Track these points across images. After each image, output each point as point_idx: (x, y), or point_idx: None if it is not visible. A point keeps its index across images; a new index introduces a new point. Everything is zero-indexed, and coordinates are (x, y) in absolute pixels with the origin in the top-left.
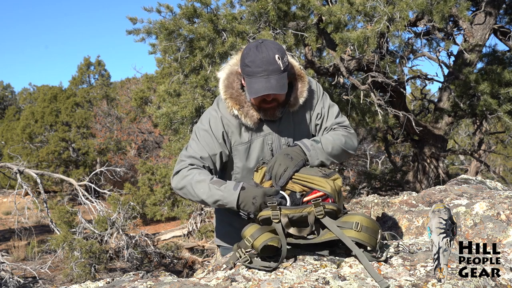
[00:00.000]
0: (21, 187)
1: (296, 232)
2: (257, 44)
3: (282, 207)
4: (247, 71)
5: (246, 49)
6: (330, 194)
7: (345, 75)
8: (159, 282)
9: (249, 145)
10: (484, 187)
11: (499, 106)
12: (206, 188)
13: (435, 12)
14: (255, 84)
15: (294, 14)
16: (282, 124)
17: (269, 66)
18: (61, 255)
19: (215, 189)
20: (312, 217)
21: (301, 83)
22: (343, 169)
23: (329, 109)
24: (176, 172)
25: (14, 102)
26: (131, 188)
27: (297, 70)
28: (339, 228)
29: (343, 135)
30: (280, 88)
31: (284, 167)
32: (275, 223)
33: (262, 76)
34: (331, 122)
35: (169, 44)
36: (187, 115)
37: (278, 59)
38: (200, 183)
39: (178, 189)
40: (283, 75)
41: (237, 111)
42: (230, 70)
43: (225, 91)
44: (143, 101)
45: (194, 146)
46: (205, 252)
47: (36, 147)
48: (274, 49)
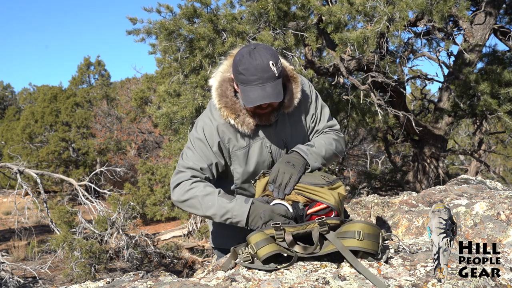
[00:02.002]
0: (21, 187)
1: (301, 250)
2: (250, 51)
3: (286, 226)
4: (241, 79)
5: (239, 55)
6: (334, 207)
7: (345, 75)
8: (159, 282)
9: (247, 149)
10: (484, 187)
11: (499, 106)
12: (215, 201)
13: (435, 12)
14: (250, 93)
15: (294, 14)
16: (278, 127)
17: (263, 74)
18: (61, 255)
19: (226, 202)
20: (316, 233)
21: (295, 84)
22: (343, 169)
23: (322, 111)
24: (177, 184)
25: (14, 102)
26: (131, 188)
27: (289, 71)
28: (341, 242)
29: (333, 139)
30: (276, 96)
31: (288, 175)
32: (279, 242)
33: (257, 84)
34: (323, 125)
35: (169, 44)
36: (187, 115)
37: (272, 65)
38: (208, 196)
39: (180, 202)
40: (277, 81)
41: (234, 121)
42: (222, 77)
43: (219, 100)
44: (143, 101)
45: (192, 156)
46: (205, 252)
47: (36, 147)
48: (268, 55)
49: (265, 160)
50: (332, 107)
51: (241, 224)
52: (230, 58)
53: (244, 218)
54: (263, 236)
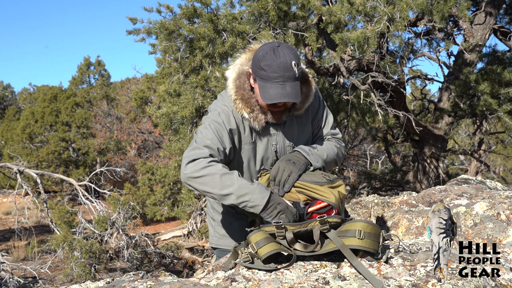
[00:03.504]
0: (21, 187)
1: (302, 248)
2: (274, 48)
3: (287, 224)
4: (261, 74)
5: (262, 51)
6: (334, 205)
7: (345, 75)
8: (159, 282)
9: (254, 145)
10: (484, 187)
11: (499, 106)
12: (234, 181)
13: (435, 12)
14: (270, 90)
15: (294, 14)
16: (286, 127)
17: (285, 73)
18: (61, 255)
19: (247, 183)
20: (317, 232)
21: (308, 87)
22: (343, 169)
23: (327, 118)
24: (192, 160)
25: (14, 102)
26: (131, 188)
27: (305, 74)
28: (341, 240)
29: (335, 146)
30: (295, 96)
31: (288, 172)
32: (280, 240)
33: (278, 82)
34: (327, 132)
35: (169, 44)
36: (187, 115)
37: (294, 65)
38: (227, 175)
39: (192, 178)
40: (297, 82)
41: (248, 115)
42: (240, 70)
43: (236, 92)
44: (143, 101)
45: (209, 135)
46: (205, 252)
47: (36, 147)
48: (291, 55)
49: (269, 157)
50: (332, 107)
51: (255, 210)
52: (249, 52)
53: (263, 203)
54: (263, 235)
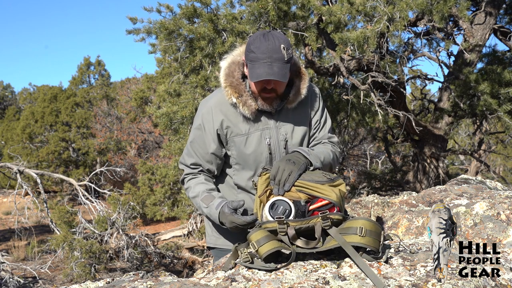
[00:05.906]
0: (21, 187)
1: (304, 244)
2: (264, 33)
3: (289, 220)
4: (251, 57)
5: (253, 36)
6: (335, 202)
7: (345, 75)
8: (159, 282)
9: (246, 137)
10: (484, 187)
11: (499, 106)
12: (199, 204)
13: (435, 12)
14: (257, 69)
15: (294, 14)
16: (280, 119)
17: (273, 54)
18: (61, 255)
19: (204, 207)
20: (319, 228)
21: (302, 81)
22: (343, 169)
23: (326, 122)
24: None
25: (14, 102)
26: (131, 188)
27: (299, 68)
28: (343, 237)
29: (331, 151)
30: (281, 76)
31: (288, 171)
32: (282, 236)
33: (266, 62)
34: (323, 134)
35: (169, 44)
36: (187, 115)
37: (283, 49)
38: (195, 199)
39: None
40: (286, 65)
41: (236, 99)
42: (232, 59)
43: (225, 79)
44: (143, 101)
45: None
46: (205, 252)
47: (36, 147)
48: (280, 39)
49: (262, 151)
50: (332, 107)
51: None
52: (244, 45)
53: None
54: (264, 234)
